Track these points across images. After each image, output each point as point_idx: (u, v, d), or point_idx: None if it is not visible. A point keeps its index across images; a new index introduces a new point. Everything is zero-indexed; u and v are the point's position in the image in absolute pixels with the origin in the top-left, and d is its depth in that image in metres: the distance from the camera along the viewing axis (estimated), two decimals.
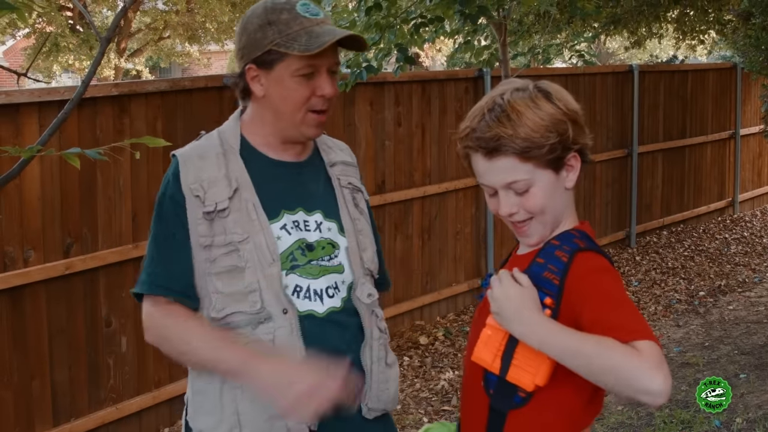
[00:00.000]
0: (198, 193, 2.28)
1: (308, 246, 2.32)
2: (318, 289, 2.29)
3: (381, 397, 2.36)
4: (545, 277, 1.98)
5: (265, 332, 2.22)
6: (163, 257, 2.32)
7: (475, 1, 6.25)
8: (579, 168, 2.07)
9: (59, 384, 5.05)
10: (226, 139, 2.39)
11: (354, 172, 2.53)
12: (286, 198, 2.35)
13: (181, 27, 22.03)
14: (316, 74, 2.28)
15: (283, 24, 2.25)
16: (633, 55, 27.55)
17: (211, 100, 5.82)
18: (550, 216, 2.06)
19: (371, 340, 2.35)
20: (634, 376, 1.76)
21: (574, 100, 2.08)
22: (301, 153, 2.43)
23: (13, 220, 4.80)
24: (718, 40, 15.07)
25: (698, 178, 11.65)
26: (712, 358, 6.71)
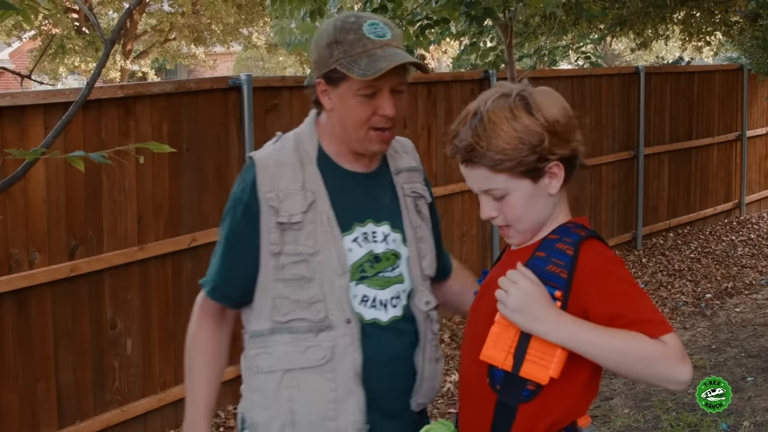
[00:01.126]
0: (273, 203, 2.37)
1: (376, 257, 2.43)
2: (383, 299, 2.42)
3: (429, 393, 2.50)
4: (550, 271, 2.01)
5: (327, 339, 2.35)
6: (230, 267, 2.46)
7: (481, 2, 6.24)
8: (562, 175, 2.07)
9: (64, 386, 5.04)
10: (303, 147, 2.46)
11: (418, 177, 2.60)
12: (358, 210, 2.45)
13: (186, 29, 22.06)
14: (378, 94, 2.34)
15: (347, 45, 2.32)
16: (639, 56, 27.52)
17: (217, 102, 5.81)
18: (528, 223, 2.10)
19: (425, 343, 2.46)
20: (666, 369, 1.92)
21: (561, 107, 2.06)
22: (371, 163, 2.51)
23: (19, 222, 4.79)
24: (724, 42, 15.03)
25: (705, 180, 11.62)
26: (719, 360, 6.69)
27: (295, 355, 2.36)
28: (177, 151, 5.48)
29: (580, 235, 2.04)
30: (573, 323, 1.95)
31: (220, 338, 2.55)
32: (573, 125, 2.07)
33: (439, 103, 7.62)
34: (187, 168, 5.59)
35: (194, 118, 5.65)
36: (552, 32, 9.86)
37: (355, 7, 6.90)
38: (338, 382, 2.34)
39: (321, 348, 2.35)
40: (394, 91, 2.36)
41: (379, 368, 2.38)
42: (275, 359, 2.39)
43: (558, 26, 9.79)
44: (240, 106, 5.89)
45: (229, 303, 2.50)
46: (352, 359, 2.34)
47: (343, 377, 2.34)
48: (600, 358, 1.95)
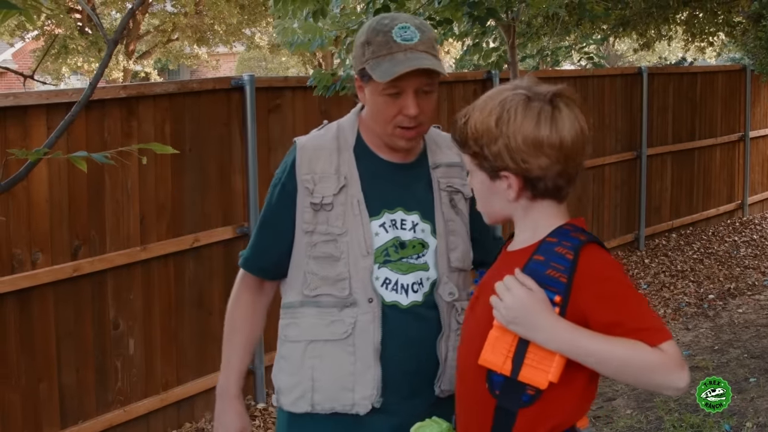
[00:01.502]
0: (308, 185, 2.54)
1: (401, 244, 2.55)
2: (405, 283, 2.53)
3: (453, 381, 2.49)
4: (549, 275, 1.99)
5: (349, 315, 2.50)
6: (264, 241, 2.66)
7: (484, 3, 6.23)
8: (517, 188, 2.05)
9: (67, 386, 5.04)
10: (343, 134, 2.61)
11: (458, 173, 2.67)
12: (389, 197, 2.57)
13: (189, 29, 22.07)
14: (402, 94, 2.45)
15: (376, 46, 2.45)
16: (642, 57, 27.51)
17: (220, 103, 5.81)
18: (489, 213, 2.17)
19: (449, 332, 2.55)
20: (665, 377, 1.93)
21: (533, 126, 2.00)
22: (408, 155, 2.63)
23: (21, 222, 4.79)
24: (727, 42, 15.01)
25: (707, 181, 11.61)
26: (721, 361, 6.68)
27: (320, 328, 2.52)
28: (179, 152, 5.48)
29: (580, 240, 2.02)
30: (571, 331, 1.95)
31: (257, 305, 2.71)
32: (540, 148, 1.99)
33: (441, 104, 7.62)
34: (189, 168, 5.59)
35: (197, 118, 5.65)
36: (555, 33, 9.85)
37: (357, 7, 6.88)
38: (358, 356, 2.48)
39: (344, 323, 2.50)
40: (420, 92, 2.46)
41: (397, 349, 2.50)
42: (302, 330, 2.55)
43: (561, 27, 9.78)
44: (243, 107, 5.89)
45: (260, 274, 2.68)
46: (372, 336, 2.48)
47: (363, 352, 2.48)
48: (599, 366, 1.96)
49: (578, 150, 2.03)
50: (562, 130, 2.00)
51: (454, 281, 2.59)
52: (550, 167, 2.01)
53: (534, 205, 2.08)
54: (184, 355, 5.65)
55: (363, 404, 2.49)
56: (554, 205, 2.08)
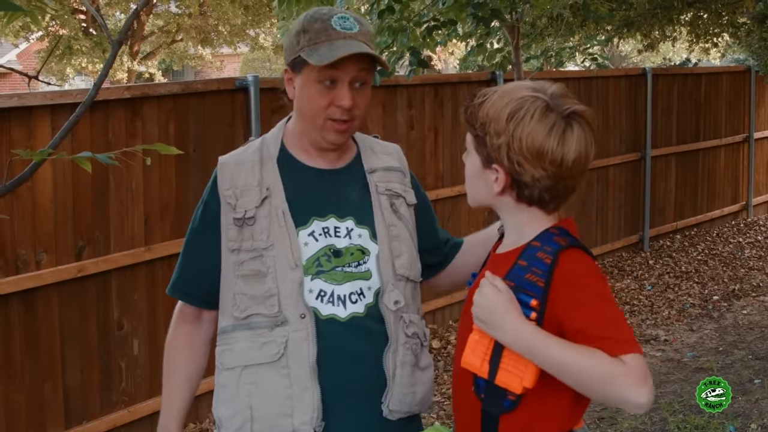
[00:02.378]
0: (230, 200, 2.41)
1: (335, 252, 2.40)
2: (341, 294, 2.37)
3: (404, 400, 2.41)
4: (528, 279, 1.97)
5: (280, 335, 2.34)
6: (189, 265, 2.54)
7: (488, 4, 6.24)
8: (503, 184, 2.03)
9: (71, 387, 5.04)
10: (267, 146, 2.50)
11: (398, 177, 2.56)
12: (318, 205, 2.44)
13: (193, 30, 22.10)
14: (337, 83, 2.34)
15: (313, 33, 2.34)
16: (646, 58, 27.49)
17: (224, 103, 5.81)
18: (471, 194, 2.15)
19: (396, 345, 2.40)
20: (621, 390, 1.84)
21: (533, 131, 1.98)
22: (338, 160, 2.50)
23: (26, 223, 4.80)
24: (731, 43, 15.00)
25: (712, 182, 11.60)
26: (726, 363, 6.67)
27: (253, 351, 2.37)
28: (184, 152, 5.48)
29: (560, 245, 1.98)
30: (533, 334, 1.91)
31: (195, 340, 2.58)
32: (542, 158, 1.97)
33: (446, 105, 7.62)
34: (193, 169, 5.59)
35: (201, 118, 5.66)
36: (559, 34, 9.85)
37: (362, 8, 6.90)
38: (293, 378, 2.32)
39: (275, 343, 2.34)
40: (355, 84, 2.36)
41: (338, 366, 2.34)
42: (236, 356, 2.40)
43: (565, 28, 9.78)
44: (247, 107, 5.89)
45: (188, 299, 2.56)
46: (307, 354, 2.32)
47: (298, 373, 2.32)
48: (561, 374, 1.89)
49: (575, 172, 2.01)
50: (568, 150, 1.98)
51: (401, 290, 2.43)
52: (542, 180, 1.99)
53: (519, 208, 2.06)
54: None
55: (303, 429, 2.32)
56: (540, 212, 2.06)
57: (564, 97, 2.02)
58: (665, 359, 6.82)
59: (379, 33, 6.06)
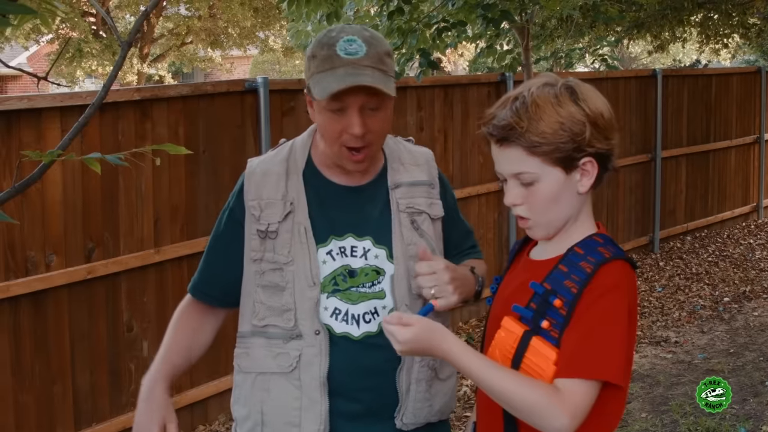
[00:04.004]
0: (254, 211, 2.43)
1: (350, 272, 2.41)
2: (355, 314, 2.40)
3: (420, 414, 2.43)
4: (565, 285, 1.96)
5: (295, 348, 2.39)
6: (211, 268, 2.58)
7: (498, 5, 6.23)
8: (595, 174, 2.03)
9: (81, 389, 5.05)
10: (294, 156, 2.50)
11: (423, 192, 2.54)
12: (338, 223, 2.44)
13: (203, 32, 22.14)
14: (347, 110, 2.30)
15: (320, 59, 2.31)
16: (656, 59, 27.45)
17: (233, 105, 5.81)
18: (550, 217, 2.05)
19: (411, 362, 2.41)
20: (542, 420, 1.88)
21: (605, 102, 2.05)
22: (364, 176, 2.48)
23: (36, 225, 4.80)
24: (742, 44, 14.97)
25: (722, 183, 11.57)
26: (737, 364, 6.65)
27: (268, 360, 2.42)
28: (193, 154, 5.48)
29: (604, 257, 1.97)
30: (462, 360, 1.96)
31: (204, 321, 2.62)
32: (613, 124, 2.05)
33: (455, 106, 7.61)
34: (203, 170, 5.59)
35: (211, 120, 5.65)
36: (569, 35, 9.84)
37: (372, 10, 6.89)
38: (304, 390, 2.37)
39: (289, 356, 2.39)
40: (366, 109, 2.31)
41: (352, 380, 2.38)
42: (252, 361, 2.46)
43: (575, 29, 9.76)
44: (256, 109, 5.89)
45: (207, 300, 2.60)
46: (318, 369, 2.36)
47: (309, 386, 2.37)
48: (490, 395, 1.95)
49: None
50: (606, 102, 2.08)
51: (416, 309, 2.39)
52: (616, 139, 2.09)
53: (585, 202, 2.08)
54: (199, 358, 5.64)
55: None
56: (590, 202, 2.09)
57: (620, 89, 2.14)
58: (676, 361, 6.80)
59: (388, 35, 6.05)
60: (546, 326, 1.96)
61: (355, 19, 6.36)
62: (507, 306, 2.08)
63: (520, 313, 2.01)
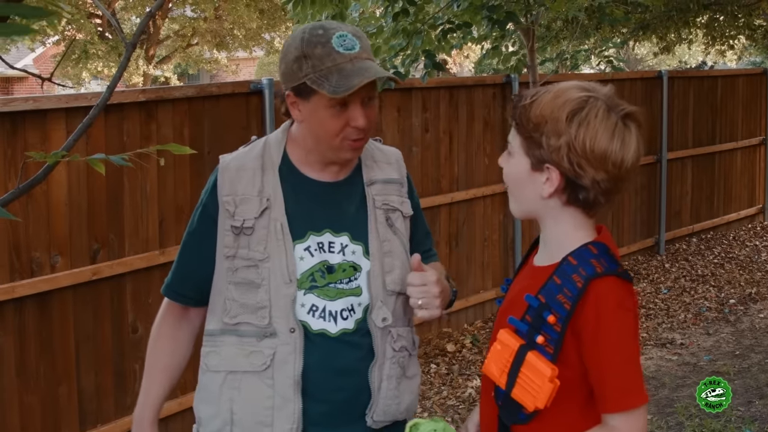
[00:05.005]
0: (229, 207, 2.41)
1: (329, 268, 2.42)
2: (333, 310, 2.41)
3: (389, 411, 2.46)
4: (558, 300, 1.95)
5: (269, 346, 2.38)
6: (184, 267, 2.57)
7: (503, 6, 6.23)
8: (556, 186, 1.98)
9: (86, 390, 5.05)
10: (269, 152, 2.49)
11: (395, 189, 2.56)
12: (315, 219, 2.44)
13: (209, 34, 22.15)
14: (350, 105, 2.32)
15: (317, 59, 2.29)
16: (662, 61, 27.42)
17: (238, 106, 5.81)
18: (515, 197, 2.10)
19: (383, 359, 2.44)
20: None
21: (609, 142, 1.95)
22: (340, 172, 2.50)
23: (41, 226, 4.81)
24: (748, 46, 14.95)
25: (728, 185, 11.55)
26: (743, 366, 6.64)
27: (240, 358, 2.41)
28: (198, 155, 5.49)
29: (595, 271, 1.94)
30: None
31: (179, 333, 2.64)
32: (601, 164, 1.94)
33: (461, 108, 7.61)
34: (208, 171, 5.54)
35: (216, 122, 5.66)
36: (574, 36, 9.83)
37: (377, 11, 6.89)
38: (276, 389, 2.37)
39: (262, 354, 2.38)
40: (365, 101, 2.35)
41: (324, 380, 2.39)
42: (221, 359, 2.45)
43: (580, 30, 9.76)
44: (261, 110, 5.89)
45: (182, 300, 2.59)
46: (292, 368, 2.36)
47: (282, 385, 2.36)
48: None
49: (632, 174, 1.99)
50: (628, 151, 1.96)
51: (390, 306, 2.45)
52: (603, 182, 1.95)
53: (564, 212, 2.02)
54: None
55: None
56: (583, 216, 2.03)
57: (616, 97, 2.01)
58: (681, 363, 6.79)
59: (393, 36, 6.05)
60: (541, 341, 1.95)
61: (360, 21, 6.36)
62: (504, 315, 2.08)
63: (515, 325, 2.01)
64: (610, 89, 2.03)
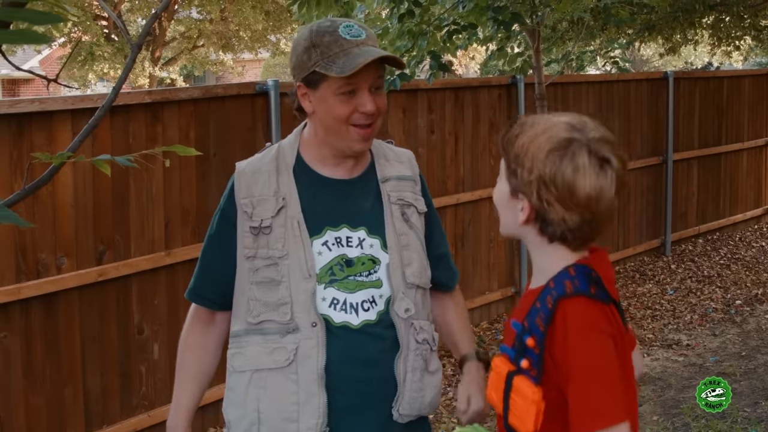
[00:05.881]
0: (246, 209, 2.47)
1: (347, 261, 2.46)
2: (354, 302, 2.44)
3: (414, 404, 2.48)
4: (536, 323, 1.97)
5: (291, 342, 2.41)
6: (207, 270, 2.62)
7: (509, 8, 6.23)
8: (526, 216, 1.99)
9: (91, 391, 5.05)
10: (283, 155, 2.55)
11: (409, 186, 2.61)
12: (332, 215, 2.49)
13: (215, 35, 22.16)
14: (358, 91, 2.39)
15: (325, 46, 2.37)
16: (667, 62, 27.39)
17: (244, 108, 5.81)
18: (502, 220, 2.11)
19: (407, 351, 2.46)
20: None
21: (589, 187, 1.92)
22: (353, 169, 2.55)
23: (47, 227, 4.81)
24: (753, 47, 14.93)
25: (734, 186, 11.53)
26: (749, 367, 6.62)
27: (264, 356, 2.44)
28: (204, 156, 5.49)
29: (565, 292, 1.94)
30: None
31: (207, 340, 2.68)
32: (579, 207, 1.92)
33: (466, 109, 7.60)
34: (214, 173, 5.60)
35: (221, 123, 5.66)
36: (580, 37, 9.82)
37: (382, 13, 6.89)
38: (301, 385, 2.40)
39: (285, 350, 2.41)
40: (373, 88, 2.42)
41: (348, 372, 2.41)
42: (246, 359, 2.48)
43: (586, 31, 9.75)
44: (267, 112, 5.89)
45: (206, 304, 2.65)
46: (316, 362, 2.39)
47: (306, 380, 2.39)
48: None
49: (606, 216, 1.97)
50: (601, 195, 1.93)
51: (411, 297, 2.49)
52: (570, 221, 1.94)
53: (541, 241, 2.02)
54: None
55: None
56: (563, 248, 2.01)
57: (604, 141, 1.96)
58: (687, 364, 6.78)
59: (399, 37, 6.05)
60: (525, 366, 1.96)
61: (366, 22, 6.36)
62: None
63: (505, 353, 2.04)
64: (603, 132, 1.99)
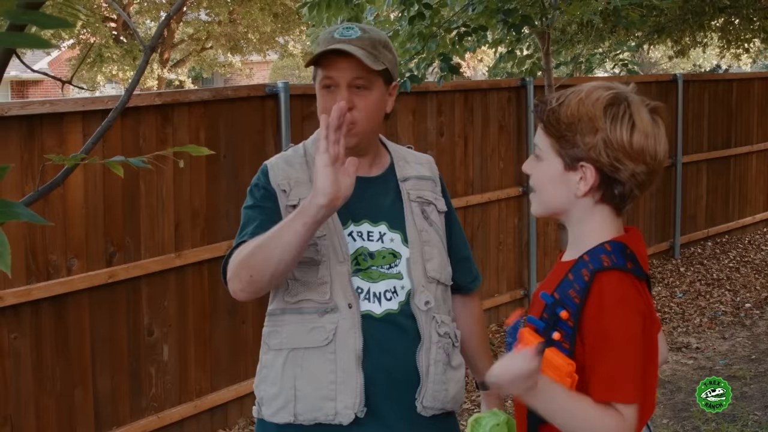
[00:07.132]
0: (285, 188, 2.51)
1: (370, 254, 2.51)
2: (377, 292, 2.48)
3: (437, 397, 2.50)
4: (569, 294, 1.98)
5: (330, 321, 2.43)
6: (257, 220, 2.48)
7: (519, 10, 6.22)
8: (591, 183, 2.00)
9: (101, 392, 5.06)
10: (309, 151, 2.60)
11: (429, 186, 2.66)
12: (352, 210, 2.50)
13: (223, 37, 22.21)
14: (336, 87, 2.47)
15: (319, 43, 2.51)
16: (676, 64, 27.37)
17: (254, 110, 5.82)
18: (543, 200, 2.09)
19: (429, 344, 2.49)
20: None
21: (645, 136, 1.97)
22: (371, 168, 2.60)
23: (57, 229, 4.82)
24: (763, 49, 14.90)
25: (743, 189, 11.51)
26: (759, 371, 6.61)
27: (301, 335, 2.45)
28: (214, 158, 5.50)
29: (602, 265, 1.96)
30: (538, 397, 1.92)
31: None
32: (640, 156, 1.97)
33: (476, 111, 7.60)
34: (224, 175, 5.60)
35: (231, 125, 5.67)
36: (589, 40, 9.82)
37: (392, 15, 6.89)
38: (339, 364, 2.42)
39: (324, 329, 2.43)
40: (353, 87, 2.46)
41: (376, 358, 2.44)
42: (283, 338, 2.49)
43: (595, 34, 9.74)
44: (277, 114, 5.90)
45: None
46: (353, 342, 2.42)
47: (344, 359, 2.41)
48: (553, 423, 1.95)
49: (663, 165, 2.04)
50: (660, 143, 2.00)
51: (432, 291, 2.52)
52: (640, 175, 1.99)
53: (593, 211, 2.04)
54: (218, 362, 5.66)
55: (346, 414, 2.41)
56: (611, 214, 2.05)
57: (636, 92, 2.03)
58: (697, 367, 6.77)
59: (409, 39, 6.05)
60: (557, 338, 1.97)
61: (375, 25, 6.36)
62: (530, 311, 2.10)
63: (534, 324, 2.03)
64: (633, 87, 2.05)
